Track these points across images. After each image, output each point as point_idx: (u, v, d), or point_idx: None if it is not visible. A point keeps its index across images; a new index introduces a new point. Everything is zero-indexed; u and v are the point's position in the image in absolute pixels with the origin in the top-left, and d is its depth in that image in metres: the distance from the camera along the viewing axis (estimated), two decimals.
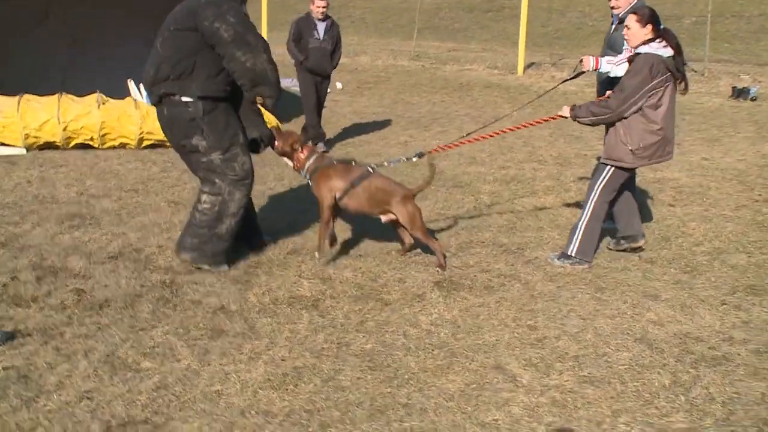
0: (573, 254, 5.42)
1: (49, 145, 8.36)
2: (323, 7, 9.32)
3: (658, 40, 5.22)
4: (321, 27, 9.37)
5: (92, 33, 11.60)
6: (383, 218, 5.34)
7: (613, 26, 6.26)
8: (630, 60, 5.36)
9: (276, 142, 5.25)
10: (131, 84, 9.72)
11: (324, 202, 5.15)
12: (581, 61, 5.92)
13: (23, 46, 11.27)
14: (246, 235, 5.34)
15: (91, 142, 8.49)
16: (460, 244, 5.82)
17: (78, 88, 9.08)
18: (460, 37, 28.12)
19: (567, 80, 6.45)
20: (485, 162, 8.96)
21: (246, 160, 4.97)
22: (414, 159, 5.69)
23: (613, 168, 5.38)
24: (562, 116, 5.51)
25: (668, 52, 5.19)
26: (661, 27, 5.27)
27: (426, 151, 5.66)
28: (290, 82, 15.27)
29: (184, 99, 4.78)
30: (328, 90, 10.22)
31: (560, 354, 4.09)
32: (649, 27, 5.22)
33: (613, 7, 6.30)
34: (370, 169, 5.26)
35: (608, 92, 5.44)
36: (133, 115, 8.54)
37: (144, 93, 9.75)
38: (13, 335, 3.88)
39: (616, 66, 5.88)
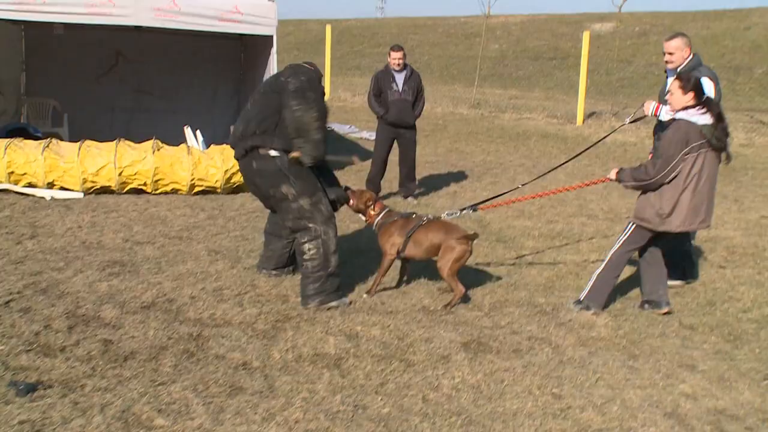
0: (582, 299, 5.55)
1: (105, 190, 8.59)
2: (399, 59, 9.22)
3: (698, 108, 5.11)
4: (399, 78, 9.29)
5: (157, 82, 12.06)
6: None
7: (668, 80, 6.18)
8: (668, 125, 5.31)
9: (351, 201, 5.82)
10: (188, 131, 9.96)
11: (385, 255, 5.68)
12: (643, 104, 6.05)
13: (92, 93, 11.74)
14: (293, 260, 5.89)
15: (144, 187, 8.69)
16: (494, 303, 5.69)
17: (140, 135, 9.38)
18: (523, 85, 28.07)
19: (626, 124, 6.43)
20: (533, 215, 8.82)
21: (327, 203, 5.47)
22: (469, 212, 6.11)
23: (635, 225, 5.43)
24: (610, 179, 5.56)
25: (706, 120, 5.08)
26: (704, 96, 5.17)
27: (477, 204, 6.11)
28: (349, 129, 15.44)
29: (271, 152, 5.32)
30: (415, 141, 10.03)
31: (583, 426, 3.93)
32: (691, 94, 5.17)
33: (667, 61, 6.24)
34: (425, 219, 5.70)
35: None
36: (185, 161, 8.72)
37: (200, 139, 10.02)
38: (35, 387, 3.94)
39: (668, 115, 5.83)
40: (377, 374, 4.40)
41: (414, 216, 5.81)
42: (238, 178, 8.98)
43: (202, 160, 8.85)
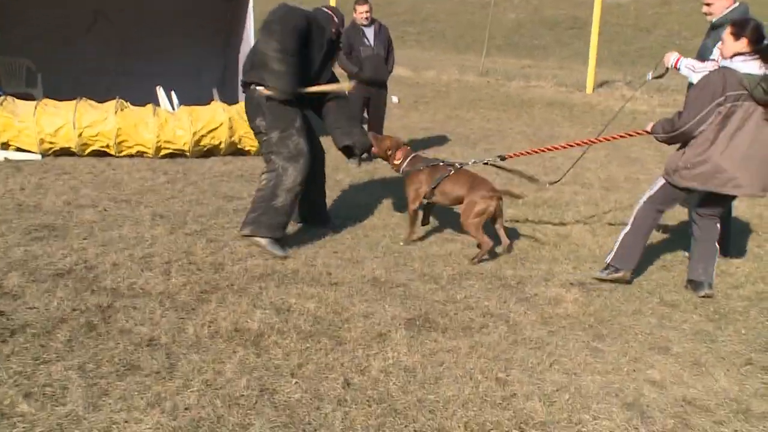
0: (609, 262, 5.08)
1: (66, 152, 8.07)
2: (366, 12, 8.85)
3: (749, 55, 4.45)
4: (370, 33, 8.91)
5: (140, 42, 11.47)
6: None
7: (708, 36, 5.57)
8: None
9: (373, 148, 5.77)
10: (160, 91, 9.41)
11: (410, 204, 5.68)
12: (663, 58, 5.52)
13: (72, 54, 11.18)
14: (312, 219, 5.98)
15: (107, 149, 8.16)
16: (453, 275, 5.12)
17: (126, 98, 8.83)
18: (538, 54, 27.17)
19: (648, 80, 5.92)
20: (522, 183, 8.15)
21: (300, 141, 5.32)
22: (496, 161, 5.93)
23: (663, 181, 4.90)
24: (646, 132, 5.09)
25: (752, 68, 4.43)
26: (765, 43, 4.50)
27: (506, 155, 5.92)
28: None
29: (253, 86, 5.34)
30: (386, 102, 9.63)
31: (523, 419, 3.33)
32: (744, 41, 4.56)
33: (705, 13, 5.62)
34: (451, 169, 5.59)
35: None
36: (151, 123, 8.16)
37: (176, 101, 9.46)
38: None
39: (694, 72, 5.30)
40: (298, 354, 3.84)
41: (441, 164, 5.70)
42: (208, 141, 8.45)
43: (169, 122, 8.30)
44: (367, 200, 6.90)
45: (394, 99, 14.69)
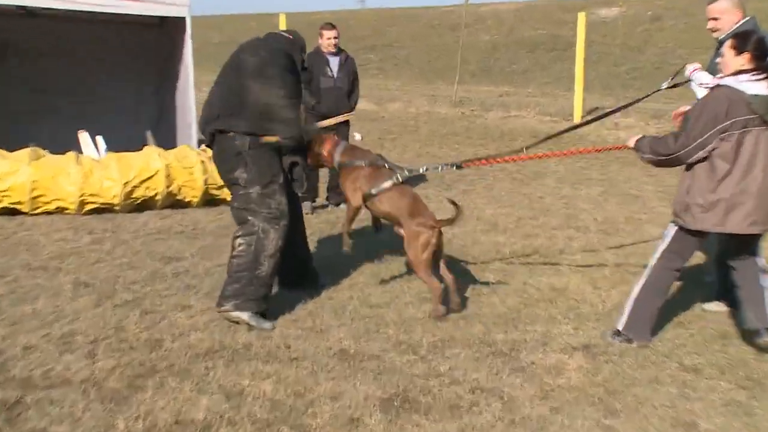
0: (621, 329, 4.96)
1: None
2: (334, 38, 8.88)
3: (753, 73, 4.43)
4: (334, 63, 8.92)
5: (60, 79, 11.30)
6: (396, 230, 5.66)
7: (718, 52, 5.58)
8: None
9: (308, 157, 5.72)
10: (83, 136, 9.25)
11: (348, 201, 5.62)
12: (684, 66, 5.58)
13: None
14: (299, 281, 5.89)
15: (19, 206, 7.92)
16: (434, 343, 4.97)
17: (48, 145, 8.62)
18: (517, 80, 27.50)
19: (661, 90, 5.90)
20: (508, 229, 8.10)
21: (282, 201, 5.32)
22: (452, 168, 5.98)
23: (676, 227, 4.82)
24: (628, 146, 5.04)
25: (760, 89, 4.42)
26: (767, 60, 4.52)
27: (463, 161, 5.99)
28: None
29: (232, 134, 5.29)
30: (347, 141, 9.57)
31: None
32: (746, 56, 4.57)
33: (711, 29, 5.67)
34: (396, 178, 5.52)
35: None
36: (73, 173, 7.98)
37: (102, 146, 9.29)
38: None
39: (700, 87, 5.32)
40: None
41: (383, 166, 5.64)
42: (142, 192, 8.29)
43: (95, 171, 8.14)
44: (328, 255, 6.75)
45: (357, 136, 14.67)
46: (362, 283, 6.11)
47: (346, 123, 9.13)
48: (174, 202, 8.52)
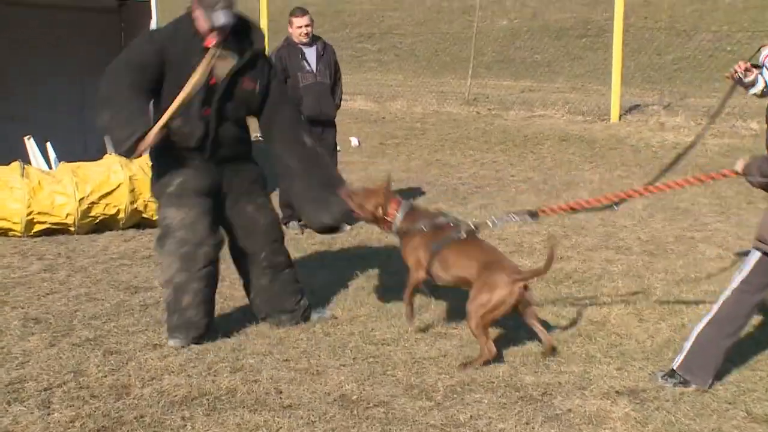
0: (676, 369, 5.03)
1: None
2: (306, 26, 8.96)
3: None
4: (311, 55, 9.03)
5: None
6: None
7: None
8: None
9: (355, 214, 5.85)
10: (30, 143, 9.32)
11: (413, 272, 5.69)
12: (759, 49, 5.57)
13: None
14: (271, 311, 5.98)
15: None
16: (452, 387, 5.05)
17: None
18: (542, 74, 27.59)
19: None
20: (535, 250, 8.18)
21: (168, 214, 5.57)
22: (527, 219, 5.97)
23: (760, 253, 4.87)
24: (736, 173, 5.09)
25: None
26: None
27: (539, 209, 5.97)
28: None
29: None
30: (338, 149, 9.64)
31: None
32: None
33: None
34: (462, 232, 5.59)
35: None
36: (18, 188, 8.06)
37: (52, 155, 9.36)
38: None
39: None
40: None
41: (448, 222, 5.73)
42: (101, 210, 8.40)
43: (45, 185, 8.24)
44: (325, 283, 6.82)
45: (354, 142, 14.76)
46: (365, 316, 6.17)
47: (333, 127, 9.22)
48: (140, 221, 8.61)
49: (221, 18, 5.32)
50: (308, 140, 5.95)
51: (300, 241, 8.33)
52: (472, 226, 5.66)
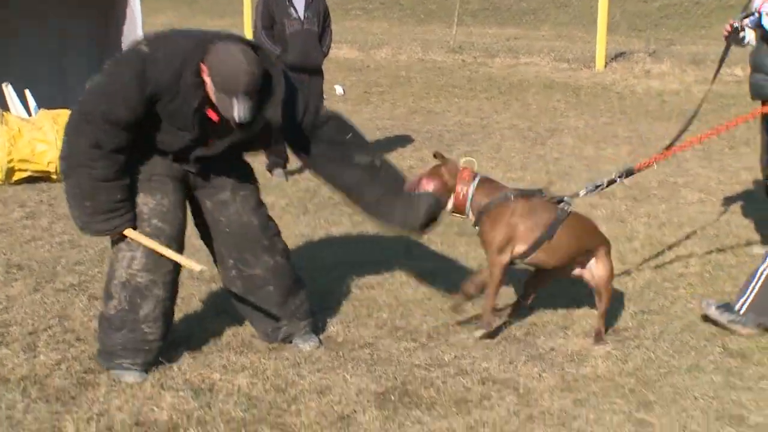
0: (739, 310, 4.99)
1: None
2: None
3: None
4: (299, 1, 8.92)
5: None
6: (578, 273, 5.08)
7: None
8: None
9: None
10: (8, 90, 9.28)
11: (496, 257, 4.80)
12: None
13: None
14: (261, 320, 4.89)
15: None
16: (437, 328, 5.13)
17: None
18: (527, 21, 27.49)
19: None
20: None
21: (138, 201, 4.41)
22: (622, 180, 5.40)
23: None
24: None
25: None
26: None
27: (635, 167, 5.46)
28: None
29: None
30: (324, 96, 9.61)
31: None
32: None
33: None
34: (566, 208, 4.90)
35: None
36: None
37: (32, 103, 9.31)
38: None
39: None
40: None
41: (543, 196, 4.97)
42: None
43: (24, 132, 8.21)
44: (309, 230, 6.84)
45: (339, 90, 14.73)
46: (349, 263, 6.19)
47: (320, 75, 9.19)
48: None
49: (240, 114, 4.10)
50: (362, 159, 4.78)
51: (285, 188, 8.36)
52: (565, 198, 4.96)
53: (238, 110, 4.09)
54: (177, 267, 4.50)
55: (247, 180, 4.78)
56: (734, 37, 5.75)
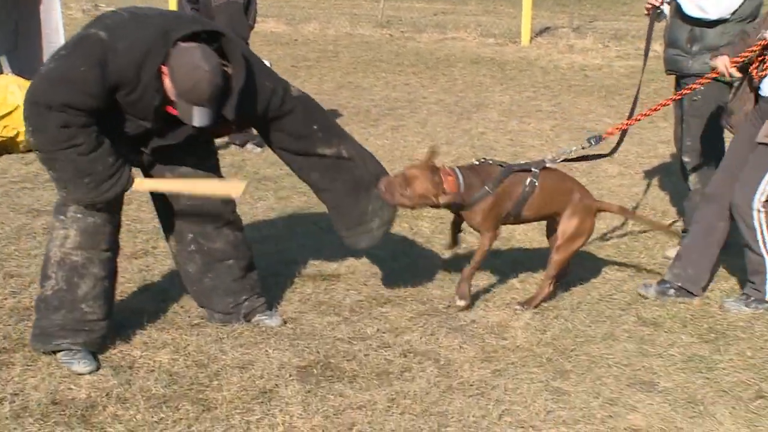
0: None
1: None
2: None
3: None
4: None
5: None
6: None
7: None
8: None
9: (398, 200, 4.73)
10: None
11: (489, 238, 4.98)
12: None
13: None
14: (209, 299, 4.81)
15: None
16: (360, 302, 5.13)
17: None
18: None
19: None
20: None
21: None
22: (591, 145, 5.45)
23: None
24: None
25: None
26: None
27: (604, 134, 5.53)
28: None
29: None
30: None
31: None
32: None
33: None
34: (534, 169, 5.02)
35: None
36: None
37: (4, 62, 9.14)
38: None
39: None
40: (148, 429, 3.72)
41: (515, 168, 5.01)
42: (7, 132, 8.14)
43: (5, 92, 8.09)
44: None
45: (266, 63, 14.57)
46: (274, 237, 6.18)
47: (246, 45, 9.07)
48: None
49: (199, 121, 4.08)
50: (327, 150, 4.70)
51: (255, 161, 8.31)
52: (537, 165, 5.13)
53: (198, 117, 4.06)
54: (113, 245, 4.39)
55: (208, 153, 4.73)
56: (655, 14, 5.84)
